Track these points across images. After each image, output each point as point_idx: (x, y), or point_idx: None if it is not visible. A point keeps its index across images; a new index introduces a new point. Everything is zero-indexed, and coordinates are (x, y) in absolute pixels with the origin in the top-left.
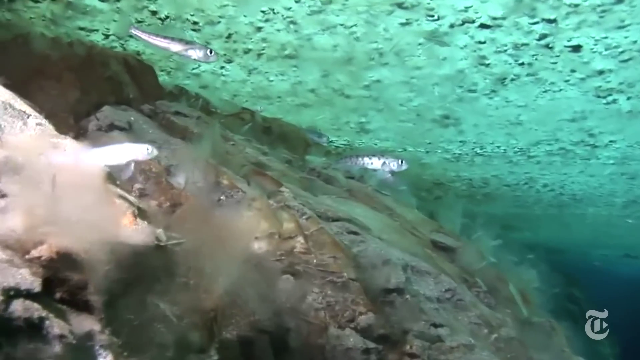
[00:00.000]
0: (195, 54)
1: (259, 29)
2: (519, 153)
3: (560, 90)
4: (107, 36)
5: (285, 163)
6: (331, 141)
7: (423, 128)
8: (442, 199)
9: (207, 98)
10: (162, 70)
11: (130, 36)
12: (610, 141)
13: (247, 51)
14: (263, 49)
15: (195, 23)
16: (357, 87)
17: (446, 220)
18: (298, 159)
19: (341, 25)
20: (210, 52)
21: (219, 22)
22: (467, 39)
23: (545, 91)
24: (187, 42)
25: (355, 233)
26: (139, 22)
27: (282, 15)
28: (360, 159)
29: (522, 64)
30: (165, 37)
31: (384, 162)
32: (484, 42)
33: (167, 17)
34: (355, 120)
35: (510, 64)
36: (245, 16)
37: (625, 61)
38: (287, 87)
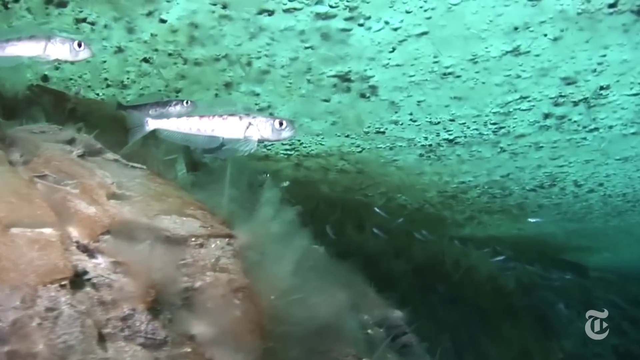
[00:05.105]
0: (57, 51)
1: None
2: (500, 133)
3: None
4: None
5: None
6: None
7: (339, 104)
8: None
9: None
10: None
11: None
12: (601, 88)
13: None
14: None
15: None
16: (184, 43)
17: (212, 198)
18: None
19: None
20: (80, 45)
21: None
22: None
23: None
24: (41, 38)
25: None
26: None
27: None
28: (206, 119)
29: None
30: (7, 40)
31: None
32: None
33: None
34: (250, 104)
35: None
36: None
37: None
38: (114, 61)
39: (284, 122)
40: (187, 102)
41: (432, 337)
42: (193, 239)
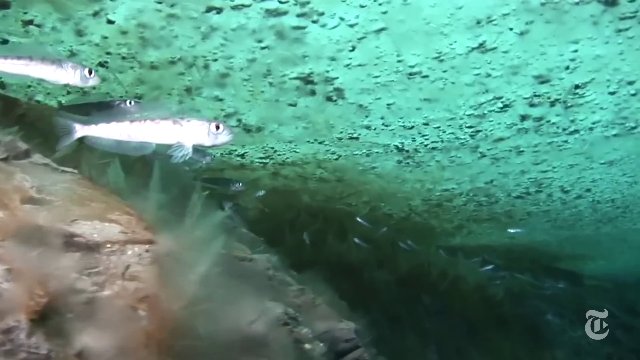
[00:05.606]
0: (67, 76)
1: None
2: (478, 137)
3: None
4: None
5: None
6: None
7: (306, 109)
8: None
9: None
10: None
11: None
12: (577, 87)
13: None
14: None
15: None
16: (136, 45)
17: (142, 203)
18: None
19: None
20: (90, 73)
21: None
22: None
23: None
24: (53, 61)
25: None
26: None
27: None
28: (137, 124)
29: None
30: (19, 57)
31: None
32: None
33: None
34: (215, 110)
35: None
36: None
37: None
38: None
39: (221, 126)
40: (130, 102)
41: (416, 348)
42: (108, 245)
